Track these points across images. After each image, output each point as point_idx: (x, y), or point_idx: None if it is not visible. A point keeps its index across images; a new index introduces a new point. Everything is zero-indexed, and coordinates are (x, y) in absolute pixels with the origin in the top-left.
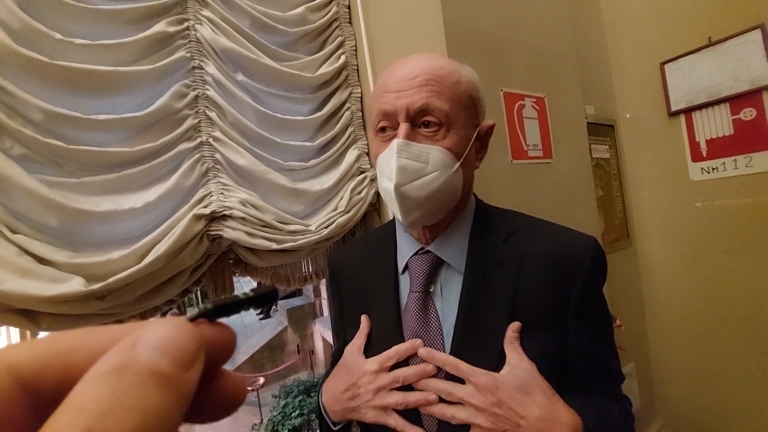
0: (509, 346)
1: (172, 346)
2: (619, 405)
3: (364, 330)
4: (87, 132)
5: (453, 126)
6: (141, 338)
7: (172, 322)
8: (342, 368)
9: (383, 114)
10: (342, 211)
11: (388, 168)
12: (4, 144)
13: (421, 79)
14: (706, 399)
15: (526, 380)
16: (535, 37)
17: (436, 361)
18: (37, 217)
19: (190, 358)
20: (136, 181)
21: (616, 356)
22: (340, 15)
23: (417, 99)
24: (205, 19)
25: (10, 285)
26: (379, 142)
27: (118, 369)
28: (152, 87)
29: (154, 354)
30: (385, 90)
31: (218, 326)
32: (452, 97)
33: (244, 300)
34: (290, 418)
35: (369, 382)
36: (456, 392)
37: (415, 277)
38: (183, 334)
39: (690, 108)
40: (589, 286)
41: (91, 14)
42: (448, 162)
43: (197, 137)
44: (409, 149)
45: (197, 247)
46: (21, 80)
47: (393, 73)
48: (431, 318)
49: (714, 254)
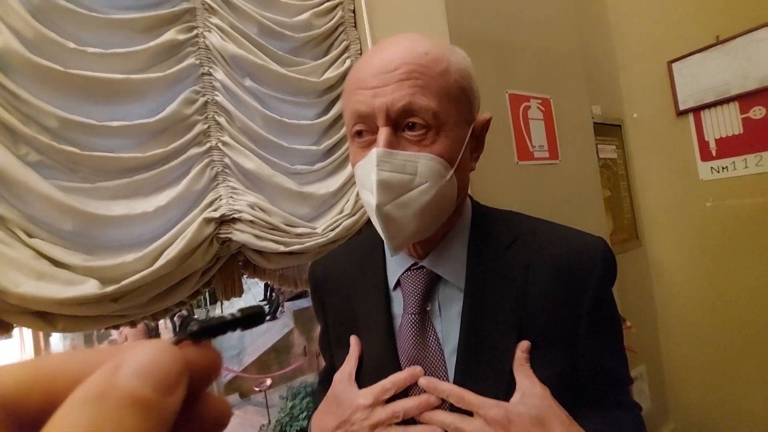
0: (519, 369)
1: (154, 371)
2: (631, 415)
3: (353, 354)
4: (100, 138)
5: (443, 127)
6: (123, 363)
7: (155, 346)
8: (332, 400)
9: (357, 116)
10: (348, 214)
11: (368, 181)
12: (21, 151)
13: (402, 71)
14: (718, 400)
15: (540, 409)
16: (540, 38)
17: (439, 392)
18: (53, 221)
19: (172, 383)
20: (148, 186)
21: (626, 361)
22: (345, 20)
23: (398, 97)
24: (214, 27)
25: (26, 287)
26: (356, 148)
27: (98, 395)
28: (163, 94)
29: (135, 379)
30: (358, 85)
31: (203, 348)
32: (440, 91)
33: (230, 321)
34: (298, 420)
35: (363, 419)
36: (464, 427)
37: (409, 296)
38: (166, 358)
39: (698, 107)
40: (601, 294)
41: (103, 23)
42: (439, 170)
43: (207, 142)
44: (392, 160)
45: (207, 250)
46: (36, 88)
47: (367, 63)
48: (430, 342)
49: (725, 254)
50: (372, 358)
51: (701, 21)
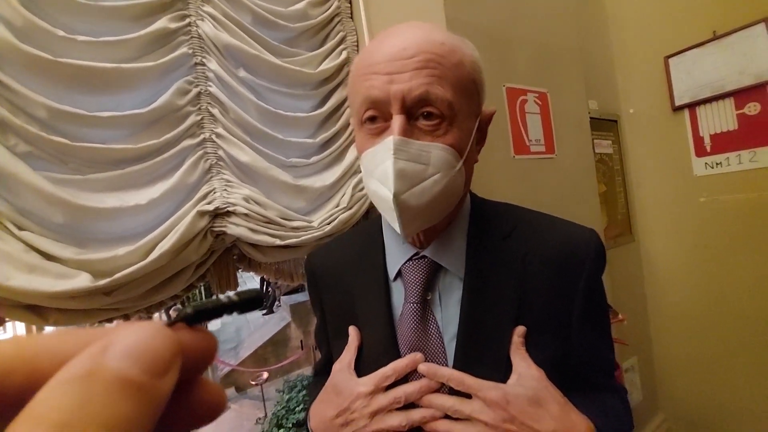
0: (515, 353)
1: (145, 353)
2: (618, 397)
3: (353, 344)
4: (91, 129)
5: (456, 118)
6: (112, 343)
7: (147, 327)
8: (331, 389)
9: (370, 101)
10: (344, 208)
11: (380, 170)
12: (9, 141)
13: (420, 59)
14: (708, 393)
15: (537, 390)
16: (537, 32)
17: (439, 377)
18: (44, 213)
19: (164, 366)
20: (141, 178)
21: (612, 346)
22: (341, 10)
23: (415, 85)
24: (207, 15)
25: (17, 281)
26: (365, 134)
27: (84, 375)
28: (155, 84)
29: (125, 361)
30: (371, 70)
31: (198, 332)
32: (456, 82)
33: (227, 304)
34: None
35: (364, 406)
36: (464, 409)
37: (410, 285)
38: (158, 340)
39: (694, 102)
40: (593, 283)
41: (93, 11)
42: (450, 161)
43: (200, 134)
44: (408, 149)
45: (201, 243)
46: (25, 77)
47: (380, 47)
48: (431, 330)
49: (718, 250)
50: (372, 348)
51: (698, 16)
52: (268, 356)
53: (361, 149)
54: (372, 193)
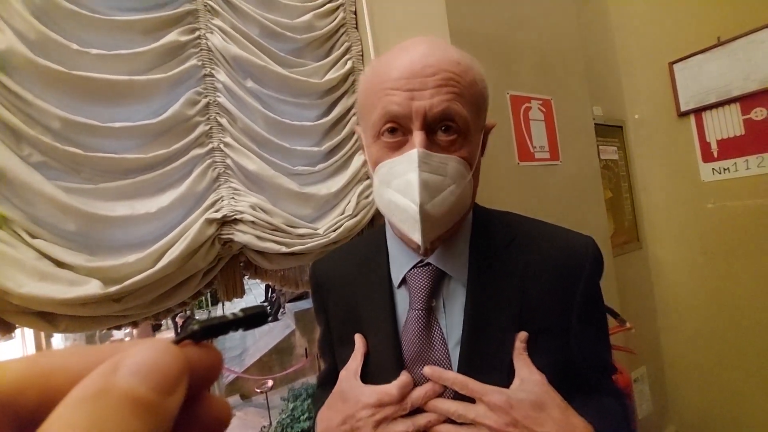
0: (518, 358)
1: (154, 371)
2: (620, 401)
3: (359, 351)
4: (103, 139)
5: (469, 133)
6: (122, 361)
7: (155, 345)
8: (338, 396)
9: (391, 116)
10: (350, 215)
11: (401, 181)
12: (24, 151)
13: (441, 77)
14: (719, 403)
15: (539, 395)
16: (541, 39)
17: (444, 380)
18: (56, 222)
19: (172, 383)
20: (151, 187)
21: (610, 350)
22: (346, 21)
23: (436, 102)
24: (216, 28)
25: (29, 288)
26: (382, 147)
27: (96, 394)
28: (165, 95)
29: (134, 379)
30: (391, 85)
31: (204, 348)
32: (471, 99)
33: (232, 321)
34: (299, 421)
35: (370, 415)
36: (468, 413)
37: (415, 292)
38: (166, 358)
39: (700, 108)
40: (591, 289)
41: (106, 25)
42: (463, 173)
43: (209, 143)
44: (430, 161)
45: (209, 251)
46: (39, 89)
47: (397, 64)
48: (435, 336)
49: (726, 256)
50: (377, 355)
51: (702, 22)
52: (272, 364)
53: (378, 160)
54: (387, 203)
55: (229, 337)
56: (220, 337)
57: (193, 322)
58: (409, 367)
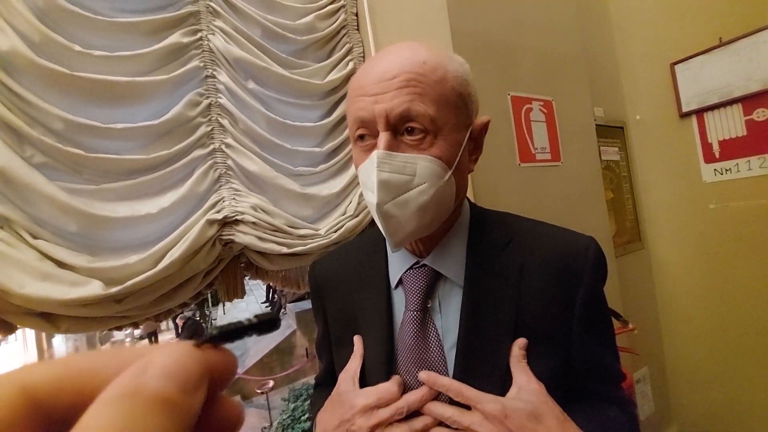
0: (516, 366)
1: (180, 372)
2: (625, 411)
3: (358, 353)
4: (105, 140)
5: (441, 131)
6: (151, 364)
7: (179, 348)
8: (336, 398)
9: (360, 121)
10: (351, 215)
11: (369, 181)
12: (26, 153)
13: (401, 79)
14: (722, 403)
15: (536, 405)
16: (542, 40)
17: (439, 386)
18: (58, 222)
19: (195, 384)
20: (152, 188)
21: (618, 357)
22: (348, 22)
23: (396, 104)
24: (218, 30)
25: (31, 288)
26: (359, 151)
27: (128, 394)
28: (167, 96)
29: (163, 380)
30: (360, 92)
31: (221, 351)
32: (438, 98)
33: (248, 326)
34: (299, 422)
35: (365, 418)
36: (463, 420)
37: (411, 293)
38: (190, 360)
39: (702, 109)
40: (592, 292)
41: (108, 27)
42: (438, 171)
43: (210, 144)
44: (391, 161)
45: (210, 252)
46: (42, 91)
47: (368, 72)
48: (430, 337)
49: (728, 257)
50: (372, 355)
51: (704, 23)
52: (273, 364)
53: (357, 164)
54: (368, 204)
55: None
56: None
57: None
58: (405, 368)
